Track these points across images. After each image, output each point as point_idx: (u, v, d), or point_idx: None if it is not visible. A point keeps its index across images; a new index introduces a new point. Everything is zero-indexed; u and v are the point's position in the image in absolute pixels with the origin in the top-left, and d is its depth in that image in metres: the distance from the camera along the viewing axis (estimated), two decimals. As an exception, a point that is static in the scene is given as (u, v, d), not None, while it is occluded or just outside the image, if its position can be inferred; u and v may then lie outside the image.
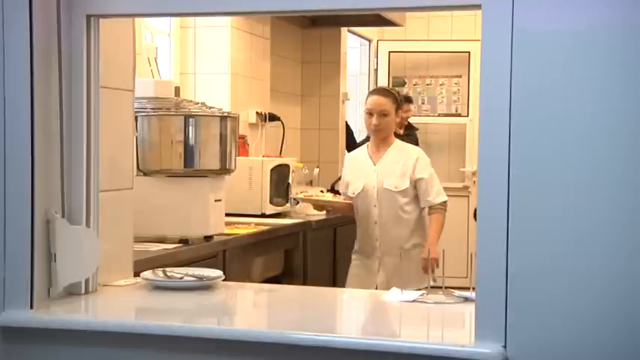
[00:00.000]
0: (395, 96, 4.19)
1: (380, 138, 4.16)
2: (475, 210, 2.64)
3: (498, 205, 1.87)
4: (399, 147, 4.21)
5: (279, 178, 4.68)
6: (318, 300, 2.63)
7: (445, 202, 4.13)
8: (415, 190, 4.10)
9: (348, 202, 4.19)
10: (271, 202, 4.57)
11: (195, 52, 4.99)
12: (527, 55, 1.85)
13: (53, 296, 2.23)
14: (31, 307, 2.15)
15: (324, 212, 4.65)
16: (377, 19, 6.45)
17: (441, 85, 8.06)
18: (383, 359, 1.91)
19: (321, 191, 5.12)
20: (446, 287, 2.37)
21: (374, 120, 4.10)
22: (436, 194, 4.11)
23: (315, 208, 4.57)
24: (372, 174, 4.13)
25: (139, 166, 3.40)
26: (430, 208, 4.12)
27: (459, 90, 7.99)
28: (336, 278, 4.87)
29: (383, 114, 4.10)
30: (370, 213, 4.11)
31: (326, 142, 6.56)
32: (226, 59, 4.99)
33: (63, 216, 2.24)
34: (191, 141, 3.47)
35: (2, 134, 2.14)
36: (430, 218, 4.14)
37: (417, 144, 7.05)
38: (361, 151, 4.32)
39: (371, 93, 4.29)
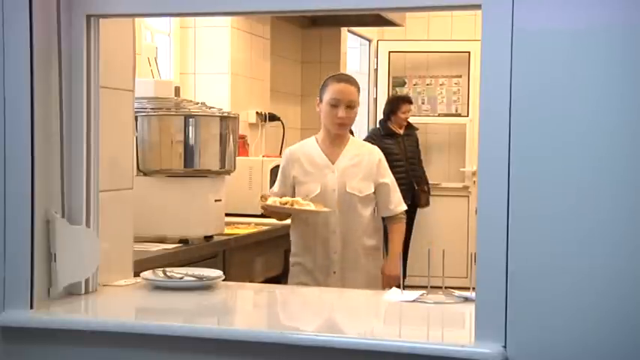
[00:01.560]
0: (359, 85, 3.60)
1: (342, 134, 3.54)
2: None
3: (498, 205, 1.87)
4: (357, 144, 3.65)
5: (279, 178, 4.67)
6: (319, 300, 2.63)
7: (405, 210, 3.65)
8: (374, 195, 3.55)
9: (325, 209, 3.41)
10: (271, 202, 4.56)
11: (195, 52, 4.99)
12: (527, 55, 1.85)
13: (53, 296, 2.23)
14: (31, 307, 2.15)
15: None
16: (377, 19, 6.45)
17: (441, 85, 8.06)
18: (383, 359, 1.91)
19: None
20: (446, 287, 2.37)
21: (340, 112, 3.44)
22: (398, 202, 3.59)
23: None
24: (331, 174, 3.50)
25: (139, 166, 3.40)
26: (390, 217, 3.61)
27: (459, 90, 8.00)
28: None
29: (350, 106, 3.47)
30: (328, 221, 3.46)
31: (326, 142, 6.55)
32: (226, 59, 4.99)
33: (63, 216, 2.24)
34: (191, 141, 3.47)
35: (2, 134, 2.14)
36: (391, 229, 3.60)
37: (417, 144, 7.10)
38: (311, 146, 3.60)
39: (335, 79, 3.54)
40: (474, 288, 1.97)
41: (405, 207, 3.64)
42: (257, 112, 5.29)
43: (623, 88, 1.80)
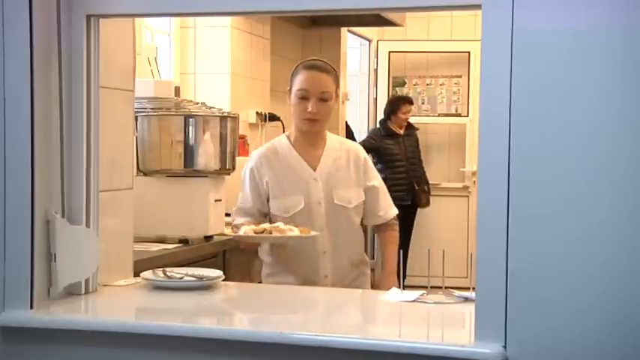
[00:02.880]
0: (336, 73, 3.02)
1: (315, 132, 2.98)
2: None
3: (498, 205, 1.87)
4: (335, 142, 3.06)
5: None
6: (319, 300, 2.63)
7: (397, 215, 3.13)
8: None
9: (309, 234, 2.82)
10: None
11: (195, 52, 4.99)
12: (527, 55, 1.85)
13: (53, 296, 2.23)
14: (31, 307, 2.15)
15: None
16: (377, 19, 6.45)
17: (441, 85, 8.07)
18: (383, 359, 1.91)
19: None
20: (446, 287, 2.37)
21: (310, 106, 2.89)
22: (388, 206, 3.08)
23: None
24: (314, 183, 2.94)
25: (139, 166, 3.40)
26: (381, 226, 3.11)
27: (459, 90, 8.00)
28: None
29: (323, 98, 2.91)
30: (315, 240, 2.89)
31: (326, 142, 6.55)
32: (226, 59, 4.99)
33: (63, 216, 2.23)
34: (191, 141, 3.47)
35: (2, 134, 2.14)
36: (384, 239, 3.10)
37: (417, 144, 7.11)
38: (284, 149, 3.01)
39: (304, 67, 2.99)
40: (474, 288, 1.97)
41: (396, 211, 3.13)
42: (257, 112, 5.28)
43: (623, 89, 1.80)
